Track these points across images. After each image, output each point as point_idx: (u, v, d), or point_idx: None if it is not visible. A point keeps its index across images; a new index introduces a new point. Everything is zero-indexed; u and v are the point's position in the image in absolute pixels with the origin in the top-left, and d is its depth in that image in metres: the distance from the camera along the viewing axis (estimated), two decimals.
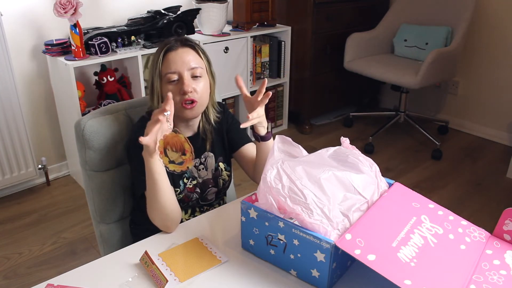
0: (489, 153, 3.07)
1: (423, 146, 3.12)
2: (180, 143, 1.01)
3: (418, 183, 2.69)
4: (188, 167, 1.02)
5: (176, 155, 1.01)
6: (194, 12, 2.68)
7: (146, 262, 0.96)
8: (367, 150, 3.02)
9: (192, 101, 1.16)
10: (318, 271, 0.89)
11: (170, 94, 1.02)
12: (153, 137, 1.00)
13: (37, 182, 2.63)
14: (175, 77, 1.16)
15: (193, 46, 1.20)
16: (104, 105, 2.39)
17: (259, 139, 1.21)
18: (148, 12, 2.62)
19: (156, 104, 1.20)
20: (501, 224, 0.97)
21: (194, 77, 1.17)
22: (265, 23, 3.04)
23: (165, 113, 0.99)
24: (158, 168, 1.06)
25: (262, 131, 1.20)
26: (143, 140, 0.98)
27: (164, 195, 1.08)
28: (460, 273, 0.85)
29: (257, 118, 1.15)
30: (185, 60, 1.16)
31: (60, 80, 2.38)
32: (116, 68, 2.55)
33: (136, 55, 2.43)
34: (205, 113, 1.28)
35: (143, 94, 2.54)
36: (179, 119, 1.23)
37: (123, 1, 2.66)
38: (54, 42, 2.35)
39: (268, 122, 1.23)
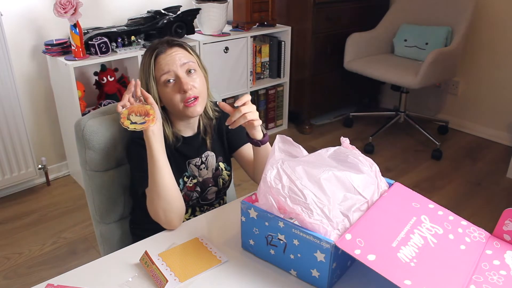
0: (489, 153, 3.07)
1: (423, 146, 3.12)
2: (145, 110, 1.11)
3: (418, 183, 2.69)
4: (149, 125, 1.08)
5: (139, 118, 1.09)
6: (194, 12, 2.67)
7: (146, 262, 0.96)
8: (367, 150, 3.02)
9: (195, 98, 1.17)
10: (318, 271, 0.89)
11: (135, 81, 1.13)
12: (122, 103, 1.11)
13: (37, 182, 2.63)
14: (170, 77, 1.16)
15: (180, 44, 1.20)
16: (104, 105, 2.39)
17: (258, 143, 1.19)
18: (148, 12, 2.62)
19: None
20: (501, 224, 0.97)
21: (189, 72, 1.17)
22: (265, 23, 3.04)
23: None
24: (159, 149, 1.10)
25: (259, 135, 1.18)
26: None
27: (165, 180, 1.09)
28: (460, 273, 0.85)
29: (244, 118, 1.10)
30: (176, 58, 1.17)
31: (60, 80, 2.38)
32: (116, 68, 2.55)
33: (136, 55, 2.43)
34: (204, 109, 1.27)
35: None
36: (180, 118, 1.23)
37: (123, 1, 2.66)
38: (54, 42, 2.35)
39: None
